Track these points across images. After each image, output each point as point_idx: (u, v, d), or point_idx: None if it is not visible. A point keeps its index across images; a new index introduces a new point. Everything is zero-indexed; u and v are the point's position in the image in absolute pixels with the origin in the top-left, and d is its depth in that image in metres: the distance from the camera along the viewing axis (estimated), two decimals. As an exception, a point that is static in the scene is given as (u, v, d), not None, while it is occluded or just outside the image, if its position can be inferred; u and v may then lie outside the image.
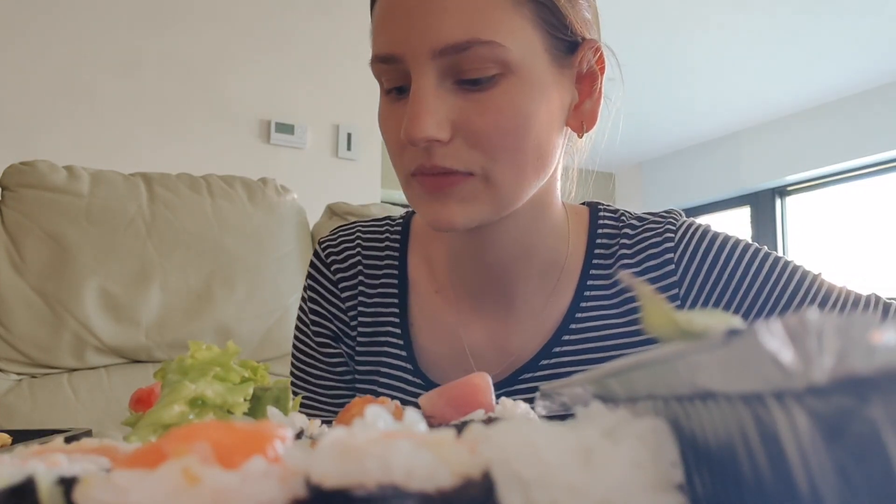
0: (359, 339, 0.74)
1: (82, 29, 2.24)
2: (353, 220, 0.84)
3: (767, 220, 5.02)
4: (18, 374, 1.38)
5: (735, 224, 5.28)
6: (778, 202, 5.01)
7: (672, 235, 0.67)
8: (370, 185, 2.62)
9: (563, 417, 0.33)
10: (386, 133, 0.62)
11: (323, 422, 0.40)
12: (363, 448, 0.17)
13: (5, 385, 1.36)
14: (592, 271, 0.69)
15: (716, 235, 0.68)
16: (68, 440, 0.28)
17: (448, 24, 0.55)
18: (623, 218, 0.72)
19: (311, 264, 0.79)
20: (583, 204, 0.76)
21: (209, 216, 1.55)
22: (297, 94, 2.54)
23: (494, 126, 0.57)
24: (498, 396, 0.63)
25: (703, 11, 3.39)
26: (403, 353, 0.72)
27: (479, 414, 0.39)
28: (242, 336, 1.51)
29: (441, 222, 0.59)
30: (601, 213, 0.72)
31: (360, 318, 0.74)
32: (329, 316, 0.76)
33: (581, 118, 0.64)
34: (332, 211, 1.77)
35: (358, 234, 0.77)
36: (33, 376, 1.39)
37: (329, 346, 0.76)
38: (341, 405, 0.75)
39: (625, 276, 0.24)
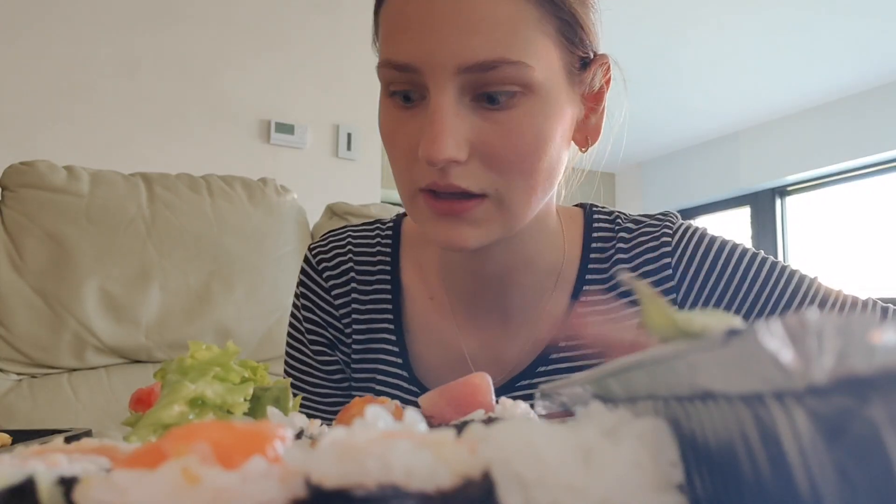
0: (354, 346, 0.73)
1: (82, 29, 2.24)
2: (353, 220, 0.83)
3: (767, 221, 5.02)
4: (18, 374, 1.38)
5: (735, 224, 5.28)
6: (778, 202, 5.01)
7: (669, 240, 0.67)
8: (370, 185, 2.62)
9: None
10: (391, 143, 0.59)
11: (323, 422, 0.40)
12: (363, 448, 0.17)
13: (5, 385, 1.36)
14: (588, 276, 0.68)
15: (713, 239, 0.67)
16: (68, 440, 0.28)
17: (477, 42, 0.52)
18: (618, 221, 0.70)
19: (303, 271, 0.77)
20: (576, 206, 0.75)
21: (209, 216, 1.55)
22: (297, 94, 2.54)
23: (514, 149, 0.55)
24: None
25: (703, 11, 3.39)
26: (399, 361, 0.71)
27: (479, 414, 0.39)
28: (242, 336, 1.51)
29: (453, 244, 0.58)
30: (595, 217, 0.71)
31: (354, 326, 0.73)
32: (323, 324, 0.75)
33: (586, 133, 0.63)
34: (332, 211, 1.77)
35: (349, 239, 0.76)
36: (33, 376, 1.39)
37: (325, 353, 0.75)
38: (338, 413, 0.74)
39: (625, 276, 0.24)
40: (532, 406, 0.40)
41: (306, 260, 0.77)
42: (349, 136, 2.60)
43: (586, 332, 0.45)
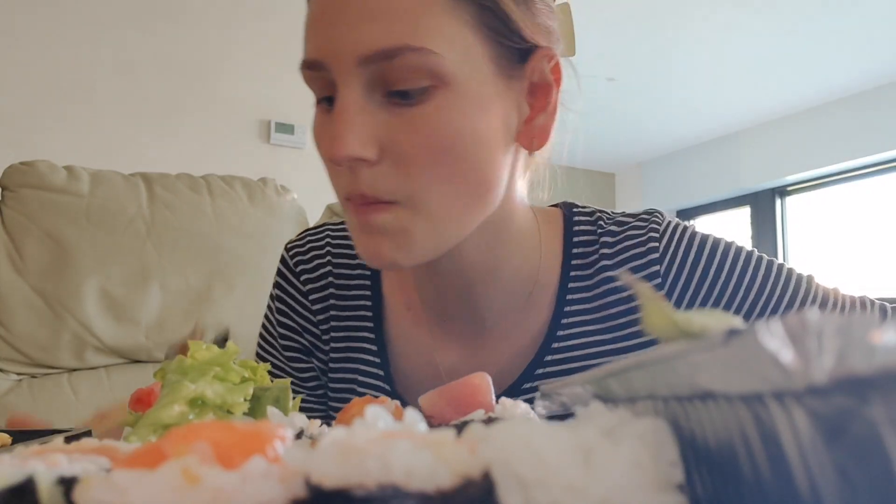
0: (332, 354, 0.69)
1: (82, 29, 2.24)
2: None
3: (767, 221, 5.02)
4: (18, 374, 1.38)
5: (735, 224, 5.28)
6: (778, 202, 5.01)
7: (657, 245, 0.62)
8: (370, 185, 2.62)
9: (563, 417, 0.33)
10: (320, 148, 0.55)
11: (323, 422, 0.40)
12: (363, 448, 0.17)
13: (5, 385, 1.36)
14: (571, 284, 0.63)
15: (704, 239, 0.63)
16: (68, 440, 0.28)
17: (375, 29, 0.48)
18: (601, 223, 0.66)
19: (279, 272, 0.72)
20: (555, 206, 0.70)
21: (209, 216, 1.55)
22: (297, 94, 2.53)
23: (426, 148, 0.50)
24: None
25: (703, 11, 3.39)
26: (381, 373, 0.67)
27: (479, 414, 0.39)
28: (242, 336, 1.51)
29: (377, 261, 0.53)
30: (576, 219, 0.66)
31: (332, 333, 0.69)
32: (300, 329, 0.71)
33: (532, 134, 0.56)
34: (332, 211, 1.77)
35: (328, 240, 0.71)
36: (33, 376, 1.39)
37: (301, 360, 0.71)
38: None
39: (624, 276, 0.24)
40: (532, 406, 0.40)
41: (283, 260, 0.73)
42: (349, 136, 2.59)
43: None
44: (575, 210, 0.68)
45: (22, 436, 0.41)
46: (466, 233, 0.55)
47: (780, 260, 0.65)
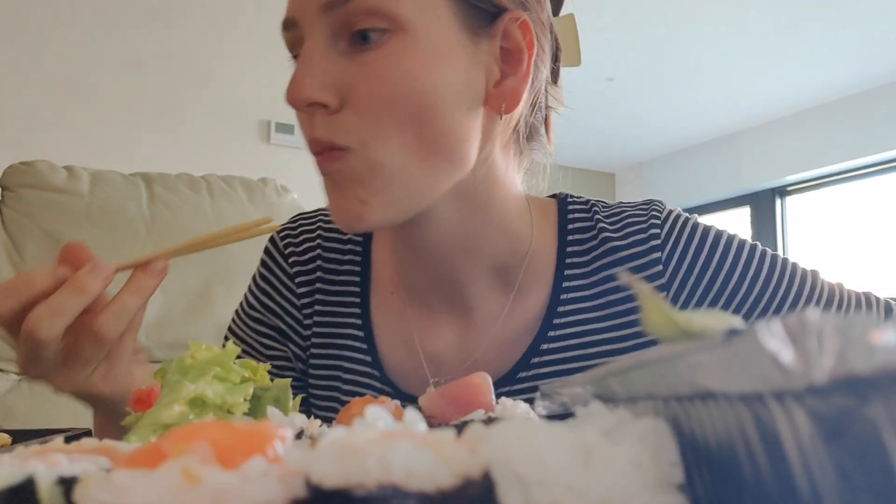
0: (314, 339, 0.68)
1: (82, 29, 2.24)
2: None
3: (767, 220, 5.02)
4: (18, 374, 1.38)
5: (735, 224, 5.28)
6: (778, 202, 5.01)
7: (658, 232, 0.62)
8: (370, 185, 2.62)
9: (563, 417, 0.33)
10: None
11: (322, 422, 0.40)
12: (363, 448, 0.17)
13: (5, 385, 1.36)
14: (567, 271, 0.62)
15: (707, 229, 0.63)
16: (68, 440, 0.28)
17: None
18: (595, 210, 0.65)
19: (267, 252, 0.71)
20: (550, 196, 0.69)
21: (209, 216, 1.55)
22: (297, 94, 2.54)
23: (380, 92, 0.50)
24: None
25: (704, 11, 3.39)
26: (368, 359, 0.65)
27: (479, 414, 0.39)
28: (242, 336, 1.51)
29: (341, 217, 0.53)
30: (571, 208, 0.66)
31: (315, 318, 0.68)
32: (280, 312, 0.69)
33: (502, 97, 0.55)
34: (332, 211, 1.78)
35: (320, 223, 0.71)
36: (33, 376, 1.39)
37: (274, 341, 0.70)
38: None
39: (624, 275, 0.24)
40: (532, 406, 0.40)
41: (272, 241, 0.72)
42: (349, 136, 2.60)
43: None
44: (570, 199, 0.68)
45: (22, 436, 0.41)
46: (433, 194, 0.54)
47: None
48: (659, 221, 0.62)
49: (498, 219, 0.60)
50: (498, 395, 0.62)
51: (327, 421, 0.70)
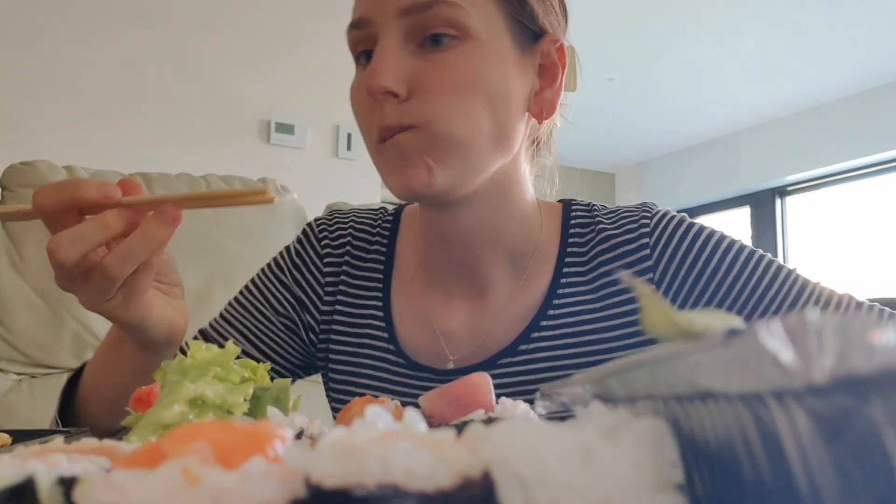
0: (336, 316, 0.76)
1: (83, 29, 2.24)
2: None
3: (767, 220, 5.02)
4: (18, 374, 1.38)
5: (735, 224, 5.29)
6: (778, 202, 5.01)
7: (648, 222, 0.69)
8: (370, 185, 2.62)
9: (563, 417, 0.33)
10: (355, 102, 0.64)
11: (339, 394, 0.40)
12: (363, 448, 0.17)
13: (5, 385, 1.36)
14: (567, 259, 0.71)
15: (696, 225, 0.69)
16: (68, 440, 0.28)
17: None
18: (596, 210, 0.74)
19: (298, 239, 0.80)
20: (558, 201, 0.78)
21: (209, 216, 1.55)
22: (297, 94, 2.54)
23: (447, 83, 0.59)
24: None
25: (704, 12, 3.39)
26: (385, 336, 0.74)
27: (479, 414, 0.39)
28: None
29: (406, 187, 0.61)
30: (574, 207, 0.75)
31: (339, 297, 0.76)
32: (304, 284, 0.77)
33: (541, 105, 0.66)
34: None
35: (353, 217, 0.80)
36: (33, 376, 1.39)
37: (289, 306, 0.77)
38: (261, 345, 0.77)
39: (624, 276, 0.24)
40: (532, 406, 0.40)
41: (308, 227, 0.81)
42: (349, 136, 2.60)
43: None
44: (573, 202, 0.77)
45: (22, 436, 0.41)
46: (485, 173, 0.63)
47: (780, 260, 0.68)
48: (649, 215, 0.70)
49: (517, 213, 0.70)
50: (500, 365, 0.70)
51: (341, 394, 0.75)
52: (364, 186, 2.58)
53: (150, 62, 2.33)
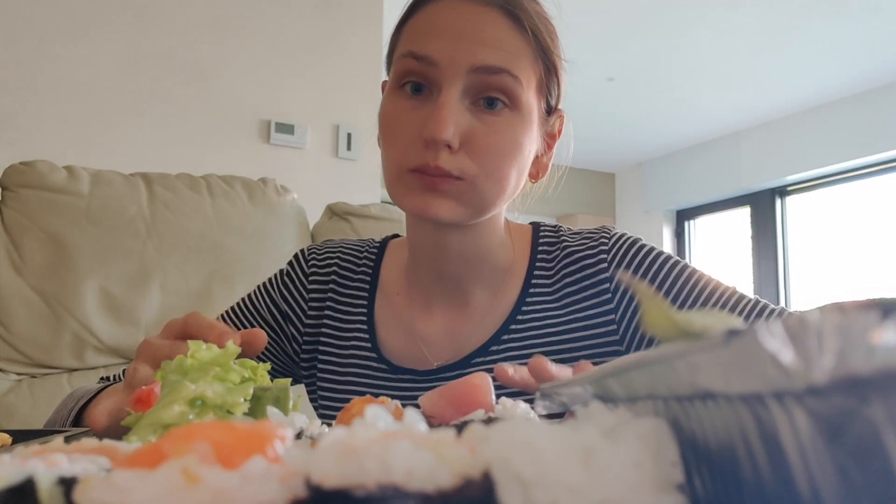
0: (324, 329, 0.84)
1: (82, 29, 2.24)
2: (353, 220, 0.92)
3: (767, 221, 5.02)
4: (18, 374, 1.38)
5: (735, 224, 5.28)
6: (778, 202, 5.01)
7: (606, 239, 0.79)
8: (370, 185, 2.62)
9: (562, 418, 0.33)
10: (392, 126, 0.70)
11: (323, 422, 0.40)
12: (363, 448, 0.17)
13: (5, 385, 1.36)
14: (536, 272, 0.80)
15: (642, 245, 0.78)
16: (68, 440, 0.28)
17: (490, 52, 0.66)
18: (562, 231, 0.84)
19: (289, 261, 0.89)
20: (529, 223, 0.88)
21: (209, 216, 1.55)
22: (297, 94, 2.54)
23: (496, 146, 0.68)
24: (451, 377, 0.75)
25: (704, 11, 3.39)
26: (368, 345, 0.82)
27: (479, 414, 0.39)
28: (242, 336, 1.51)
29: (428, 211, 0.68)
30: (542, 229, 0.85)
31: (327, 312, 0.85)
32: (289, 299, 0.86)
33: (538, 167, 0.78)
34: (332, 211, 1.77)
35: (342, 247, 0.89)
36: (33, 376, 1.39)
37: (271, 317, 0.85)
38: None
39: (624, 276, 0.24)
40: (532, 406, 0.40)
41: (301, 251, 0.90)
42: (349, 136, 2.60)
43: (511, 380, 0.50)
44: (541, 224, 0.87)
45: (22, 436, 0.41)
46: (490, 214, 0.73)
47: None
48: (608, 236, 0.79)
49: (497, 237, 0.79)
50: (473, 364, 0.76)
51: (327, 399, 0.82)
52: (364, 186, 2.58)
53: (150, 62, 2.32)
